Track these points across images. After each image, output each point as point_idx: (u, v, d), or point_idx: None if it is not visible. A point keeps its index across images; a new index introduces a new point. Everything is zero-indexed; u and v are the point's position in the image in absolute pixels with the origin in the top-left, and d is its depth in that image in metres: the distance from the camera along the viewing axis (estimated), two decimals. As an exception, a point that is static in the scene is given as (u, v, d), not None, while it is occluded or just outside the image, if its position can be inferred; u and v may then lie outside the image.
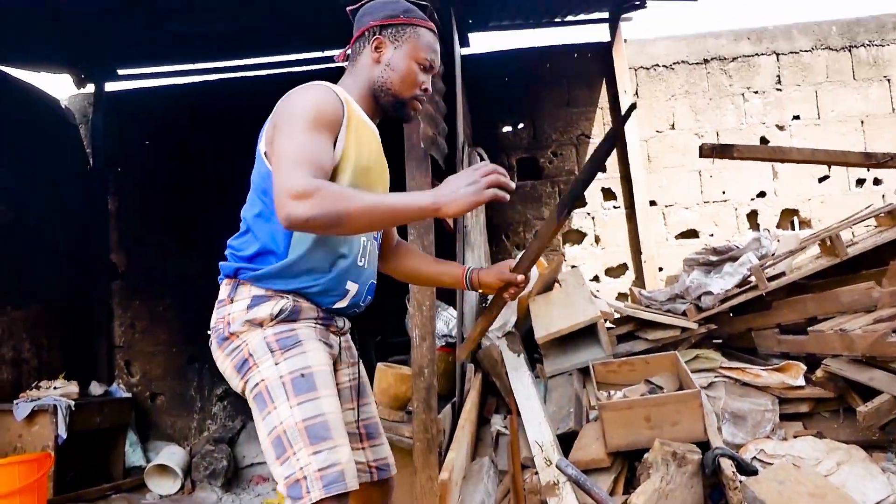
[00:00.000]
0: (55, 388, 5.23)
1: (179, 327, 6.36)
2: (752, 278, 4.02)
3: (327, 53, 5.99)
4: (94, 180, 6.44)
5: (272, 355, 1.79)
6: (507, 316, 4.54)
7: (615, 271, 5.95)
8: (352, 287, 1.94)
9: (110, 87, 6.57)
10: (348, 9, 2.05)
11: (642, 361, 3.81)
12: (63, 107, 6.50)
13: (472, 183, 1.69)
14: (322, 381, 1.79)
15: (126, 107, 6.53)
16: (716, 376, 3.79)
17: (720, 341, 4.37)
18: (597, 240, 5.97)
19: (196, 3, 4.56)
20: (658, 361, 3.78)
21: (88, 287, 6.32)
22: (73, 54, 5.99)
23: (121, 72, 6.49)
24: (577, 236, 6.01)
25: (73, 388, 5.31)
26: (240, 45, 5.93)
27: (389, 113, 2.03)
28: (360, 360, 2.16)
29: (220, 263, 1.92)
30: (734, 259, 4.28)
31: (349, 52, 2.04)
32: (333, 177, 1.81)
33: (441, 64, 4.00)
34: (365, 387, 2.14)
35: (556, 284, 4.79)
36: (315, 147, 1.73)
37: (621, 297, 5.79)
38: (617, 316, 4.61)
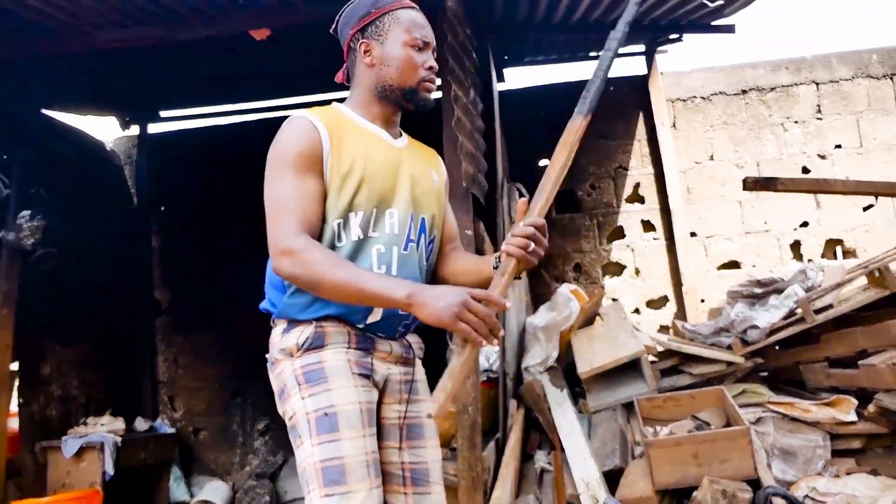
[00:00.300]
0: (102, 424, 5.31)
1: (222, 362, 6.43)
2: (799, 311, 3.97)
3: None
4: (139, 219, 6.57)
5: (299, 389, 1.79)
6: (549, 350, 4.53)
7: (656, 303, 5.91)
8: None
9: (153, 128, 6.72)
10: (331, 30, 2.05)
11: (688, 397, 3.77)
12: (109, 149, 6.67)
13: (455, 306, 1.59)
14: (346, 422, 1.75)
15: (169, 147, 6.68)
16: (764, 411, 3.73)
17: (766, 374, 4.31)
18: (637, 272, 5.94)
19: (237, 46, 4.66)
20: (704, 396, 3.74)
21: (133, 323, 6.42)
22: (118, 98, 6.14)
23: (163, 114, 6.64)
24: (617, 268, 5.98)
25: (120, 424, 5.38)
26: (282, 84, 6.04)
27: (406, 107, 1.95)
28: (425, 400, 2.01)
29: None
30: (779, 291, 4.23)
31: (347, 71, 2.03)
32: (328, 204, 1.82)
33: (479, 102, 4.06)
34: (422, 428, 1.97)
35: (598, 318, 4.77)
36: (297, 193, 1.78)
37: (663, 329, 5.74)
38: (660, 349, 4.57)
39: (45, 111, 5.81)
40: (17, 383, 5.35)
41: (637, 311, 5.88)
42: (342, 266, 1.71)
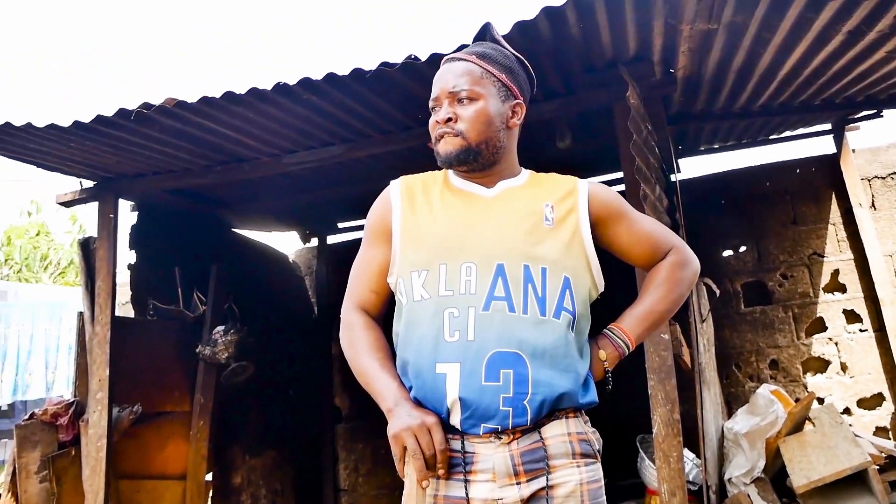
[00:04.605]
0: (289, 535, 5.34)
1: (402, 471, 6.36)
2: None
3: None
4: (319, 327, 6.76)
5: None
6: (755, 459, 4.14)
7: (869, 402, 5.31)
8: (448, 369, 1.55)
9: (332, 239, 6.97)
10: None
11: (932, 516, 3.29)
12: (291, 261, 6.97)
13: (403, 428, 1.52)
14: None
15: (346, 257, 6.84)
16: None
17: None
18: (843, 367, 5.39)
19: (412, 156, 4.76)
20: (953, 517, 3.25)
21: (315, 431, 6.53)
22: (299, 213, 6.43)
23: (341, 224, 6.88)
24: (820, 364, 5.45)
25: (305, 535, 5.40)
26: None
27: (444, 165, 1.78)
28: None
29: None
30: None
31: None
32: (394, 265, 1.74)
33: (664, 197, 3.88)
34: None
35: (808, 423, 4.34)
36: (359, 268, 1.81)
37: (879, 431, 5.14)
38: (884, 457, 4.06)
39: (234, 229, 6.20)
40: (210, 493, 5.51)
41: (847, 411, 5.31)
42: (362, 355, 1.70)
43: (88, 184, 4.70)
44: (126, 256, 5.14)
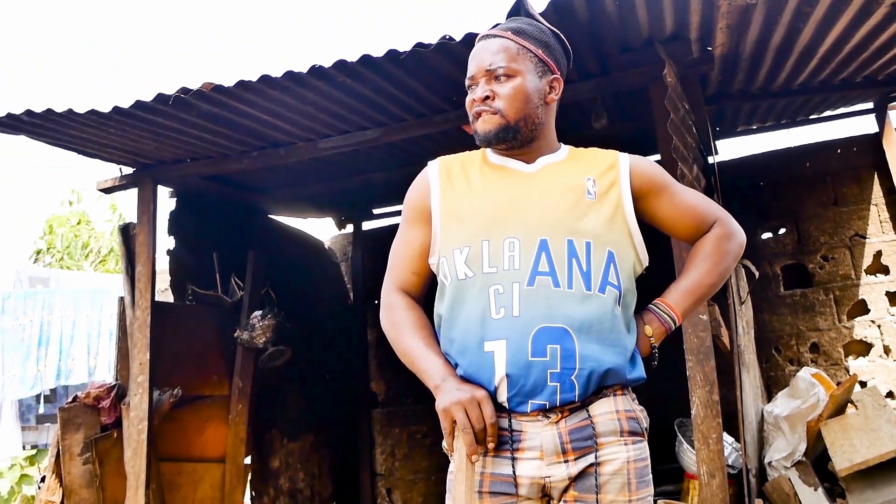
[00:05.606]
0: (327, 518, 5.40)
1: (438, 455, 6.39)
2: None
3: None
4: (355, 313, 6.79)
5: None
6: (796, 443, 4.09)
7: (912, 386, 5.22)
8: (495, 347, 1.55)
9: (367, 225, 6.98)
10: None
11: (979, 500, 3.23)
12: (327, 247, 7.01)
13: (453, 402, 1.52)
14: None
15: (382, 243, 6.86)
16: None
17: None
18: (886, 350, 5.29)
19: (443, 139, 4.75)
20: None
21: (352, 415, 6.58)
22: (334, 199, 6.45)
23: (376, 211, 6.90)
24: (862, 347, 5.36)
25: (343, 518, 5.45)
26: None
27: (483, 144, 1.78)
28: None
29: None
30: None
31: None
32: (435, 244, 1.74)
33: (702, 177, 3.83)
34: None
35: (850, 406, 4.27)
36: (400, 248, 1.81)
37: (924, 415, 5.03)
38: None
39: (270, 216, 6.25)
40: (249, 476, 5.58)
41: (891, 394, 5.21)
42: (406, 335, 1.70)
43: (128, 170, 4.77)
44: (165, 243, 5.22)
